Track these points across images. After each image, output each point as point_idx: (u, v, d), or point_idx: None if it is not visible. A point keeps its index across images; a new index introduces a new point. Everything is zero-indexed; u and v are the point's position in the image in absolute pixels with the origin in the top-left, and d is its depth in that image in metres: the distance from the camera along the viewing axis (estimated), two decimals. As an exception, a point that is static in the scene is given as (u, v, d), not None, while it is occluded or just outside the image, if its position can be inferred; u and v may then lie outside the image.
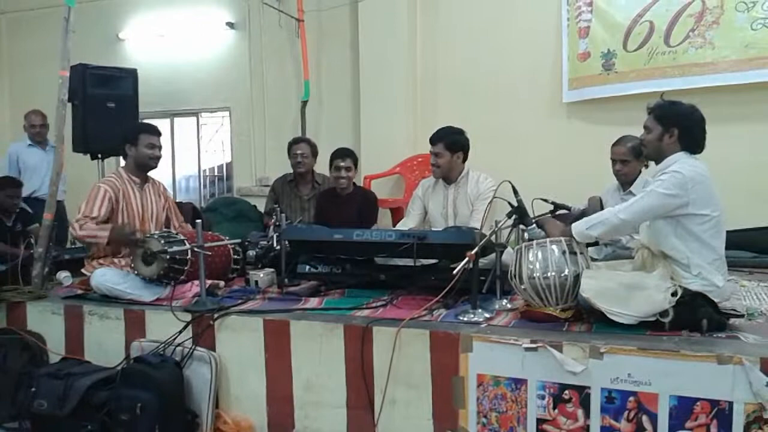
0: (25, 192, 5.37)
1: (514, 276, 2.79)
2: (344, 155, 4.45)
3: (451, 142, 3.86)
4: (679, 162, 2.64)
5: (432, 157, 3.91)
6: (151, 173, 3.88)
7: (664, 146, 2.71)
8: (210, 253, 3.30)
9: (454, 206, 3.93)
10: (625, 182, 3.83)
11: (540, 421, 2.52)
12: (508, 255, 3.03)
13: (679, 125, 2.68)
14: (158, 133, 3.79)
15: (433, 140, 3.90)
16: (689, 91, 4.53)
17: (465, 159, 3.94)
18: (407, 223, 4.02)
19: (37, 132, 5.70)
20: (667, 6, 4.91)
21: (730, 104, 4.69)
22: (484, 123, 5.25)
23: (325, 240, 3.44)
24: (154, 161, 3.76)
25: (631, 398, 2.40)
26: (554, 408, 2.50)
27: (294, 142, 4.86)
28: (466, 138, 3.92)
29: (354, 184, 4.58)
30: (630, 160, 3.76)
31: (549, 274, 2.69)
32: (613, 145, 3.86)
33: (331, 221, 4.12)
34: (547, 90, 5.42)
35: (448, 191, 3.96)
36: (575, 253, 2.74)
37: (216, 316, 3.07)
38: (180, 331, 3.07)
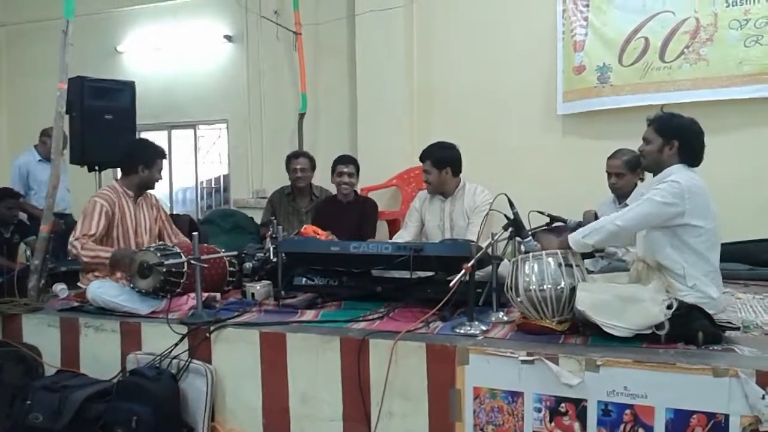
0: (40, 204, 5.36)
1: (511, 288, 2.79)
2: (346, 161, 4.59)
3: (437, 159, 3.90)
4: (677, 173, 2.66)
5: (423, 174, 3.98)
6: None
7: (664, 158, 2.72)
8: (206, 266, 3.30)
9: (451, 219, 3.95)
10: (620, 195, 3.85)
11: (536, 434, 2.52)
12: (505, 267, 3.03)
13: (679, 137, 2.69)
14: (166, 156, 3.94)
15: (421, 158, 3.97)
16: (683, 106, 4.56)
17: (456, 173, 3.96)
18: (404, 236, 4.03)
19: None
20: (661, 24, 4.96)
21: (724, 119, 4.73)
22: (480, 135, 5.28)
23: (322, 252, 3.44)
24: (156, 184, 3.86)
25: (628, 411, 2.39)
26: (551, 421, 2.50)
27: (293, 156, 4.89)
28: (455, 152, 3.94)
29: (354, 192, 4.61)
30: (625, 174, 3.78)
31: (545, 287, 2.69)
32: (609, 158, 3.88)
33: (331, 229, 4.14)
34: (542, 103, 5.46)
35: (444, 204, 3.98)
36: (571, 266, 2.75)
37: (212, 328, 3.06)
38: (176, 344, 3.06)
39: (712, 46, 4.81)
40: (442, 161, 3.90)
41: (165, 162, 3.91)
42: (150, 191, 3.94)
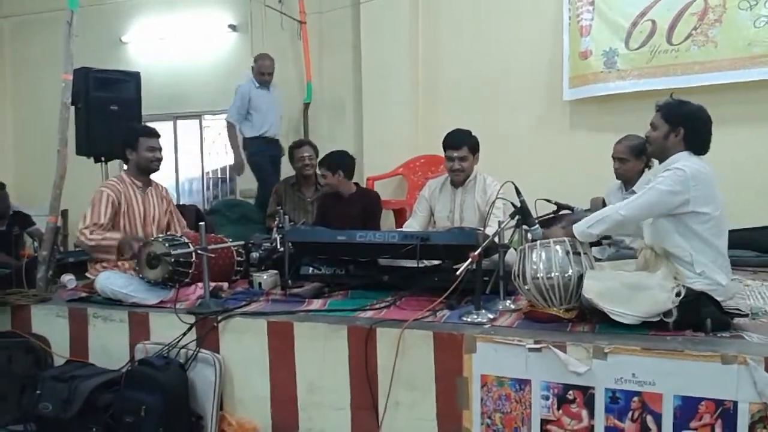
0: (255, 132, 5.55)
1: (518, 276, 2.79)
2: (322, 164, 4.46)
3: (473, 144, 3.82)
4: (682, 160, 2.64)
5: (456, 162, 3.79)
6: (155, 176, 3.89)
7: (669, 145, 2.70)
8: (214, 256, 3.30)
9: (461, 210, 3.89)
10: (625, 181, 3.83)
11: (544, 422, 2.52)
12: (512, 255, 3.02)
13: (686, 125, 2.67)
14: (157, 135, 3.80)
15: (457, 144, 3.79)
16: (692, 89, 4.53)
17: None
18: (412, 225, 3.99)
19: (268, 79, 5.69)
20: (669, 5, 4.91)
21: (734, 103, 4.69)
22: (485, 123, 5.23)
23: (329, 241, 3.44)
24: (155, 164, 3.78)
25: (636, 398, 2.39)
26: (558, 408, 2.50)
27: (297, 146, 4.88)
28: (477, 138, 3.90)
29: (356, 185, 4.58)
30: (628, 159, 3.76)
31: (552, 275, 2.68)
32: (616, 143, 3.86)
33: (334, 222, 4.12)
34: (548, 90, 5.43)
35: (455, 195, 3.92)
36: (579, 254, 2.73)
37: (220, 318, 3.07)
38: (184, 334, 3.08)
39: (721, 28, 4.75)
40: (477, 146, 3.83)
41: (156, 140, 3.76)
42: (158, 182, 3.94)
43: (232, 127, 5.65)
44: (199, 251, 3.17)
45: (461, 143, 3.79)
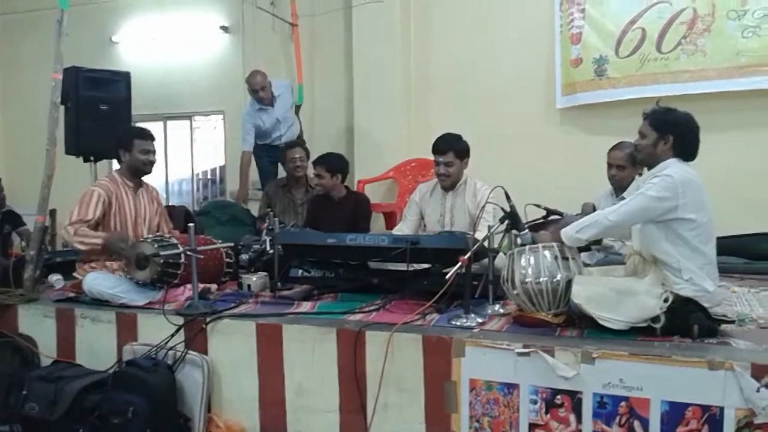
0: (258, 141, 5.46)
1: (507, 281, 2.80)
2: (316, 162, 4.48)
3: (460, 149, 3.83)
4: (671, 167, 2.66)
5: (441, 167, 3.82)
6: (145, 177, 3.87)
7: (658, 152, 2.72)
8: (203, 257, 3.29)
9: (452, 214, 3.90)
10: (619, 188, 3.84)
11: (532, 426, 2.53)
12: (501, 260, 3.03)
13: (674, 132, 2.69)
14: (152, 138, 3.78)
15: (442, 149, 3.81)
16: (681, 98, 4.56)
17: (466, 165, 3.93)
18: (403, 229, 4.00)
19: (263, 95, 5.41)
20: (659, 14, 4.95)
21: (722, 111, 4.72)
22: (477, 128, 5.23)
23: (319, 244, 3.44)
24: (148, 166, 3.76)
25: (623, 403, 2.40)
26: (546, 413, 2.51)
27: (288, 147, 4.87)
28: (467, 144, 3.91)
29: (347, 188, 4.58)
30: (626, 166, 3.77)
31: (541, 279, 2.70)
32: (611, 149, 3.87)
33: (324, 225, 4.12)
34: (540, 96, 5.45)
35: (445, 199, 3.93)
36: (567, 259, 2.75)
37: (208, 319, 3.06)
38: (172, 335, 3.06)
39: (710, 37, 4.80)
40: (464, 152, 3.84)
41: (151, 143, 3.73)
42: (149, 183, 3.92)
43: (246, 155, 5.51)
44: (188, 252, 3.17)
45: (446, 149, 3.81)
